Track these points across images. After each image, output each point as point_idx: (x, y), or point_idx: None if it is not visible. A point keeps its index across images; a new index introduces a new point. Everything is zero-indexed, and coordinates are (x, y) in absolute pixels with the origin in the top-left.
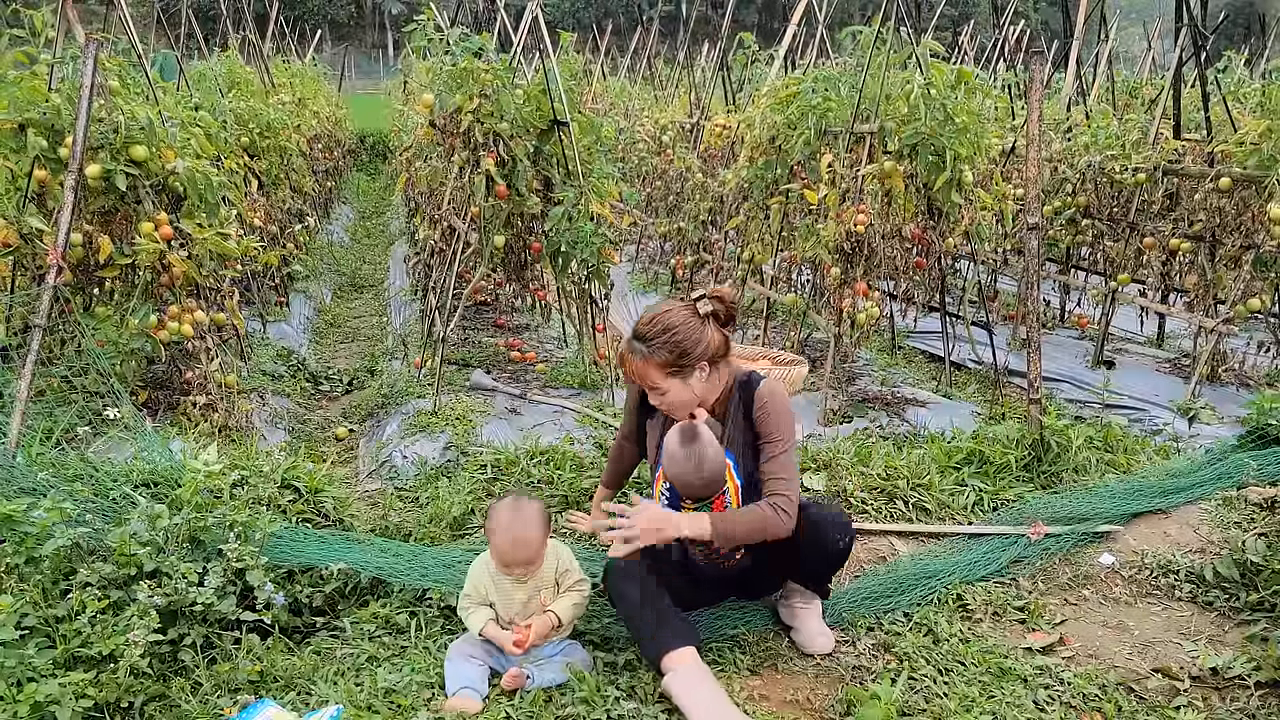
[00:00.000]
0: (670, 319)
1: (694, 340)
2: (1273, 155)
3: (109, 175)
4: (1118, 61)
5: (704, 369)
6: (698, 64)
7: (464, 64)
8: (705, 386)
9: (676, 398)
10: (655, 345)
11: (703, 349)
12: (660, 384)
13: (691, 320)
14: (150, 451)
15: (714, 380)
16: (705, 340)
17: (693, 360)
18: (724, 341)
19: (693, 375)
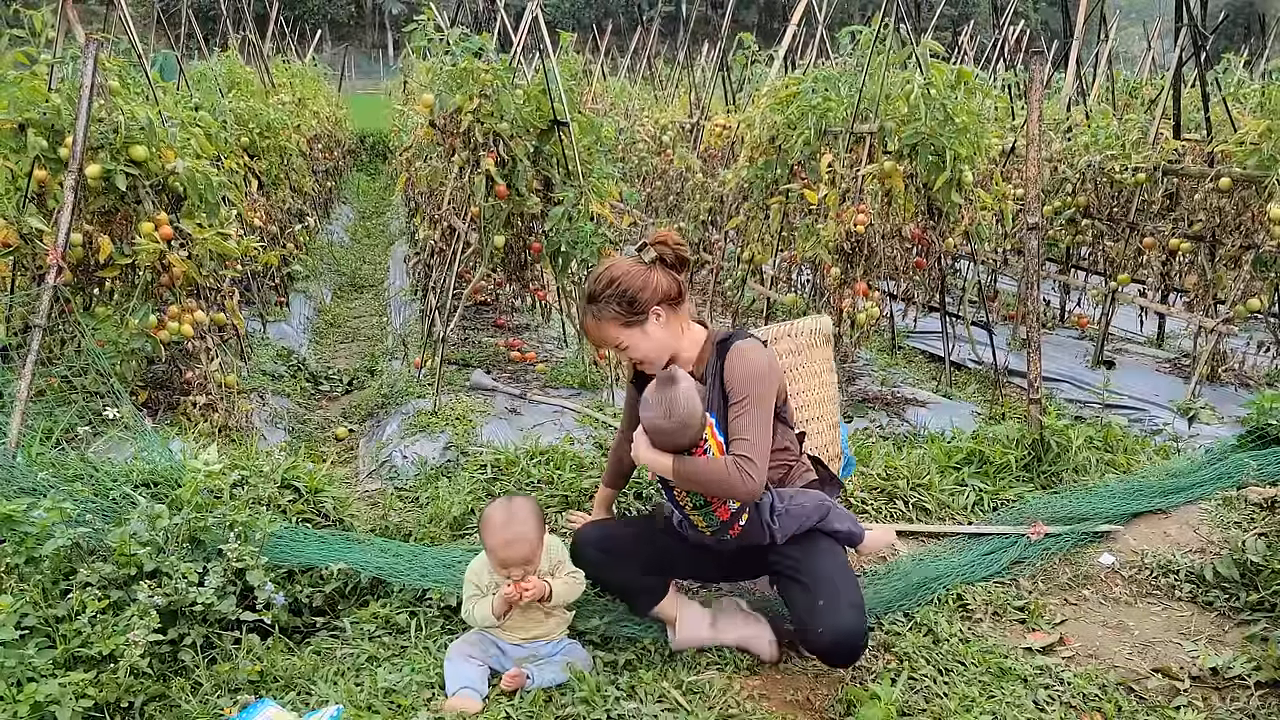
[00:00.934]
0: (614, 271)
1: (639, 285)
2: (1273, 155)
3: (109, 175)
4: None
5: (659, 315)
6: (698, 64)
7: (464, 64)
8: (667, 333)
9: (641, 349)
10: (604, 300)
11: (650, 293)
12: (619, 338)
13: (636, 268)
14: (150, 451)
15: (675, 326)
16: (652, 284)
17: (643, 306)
18: (674, 284)
19: (648, 323)
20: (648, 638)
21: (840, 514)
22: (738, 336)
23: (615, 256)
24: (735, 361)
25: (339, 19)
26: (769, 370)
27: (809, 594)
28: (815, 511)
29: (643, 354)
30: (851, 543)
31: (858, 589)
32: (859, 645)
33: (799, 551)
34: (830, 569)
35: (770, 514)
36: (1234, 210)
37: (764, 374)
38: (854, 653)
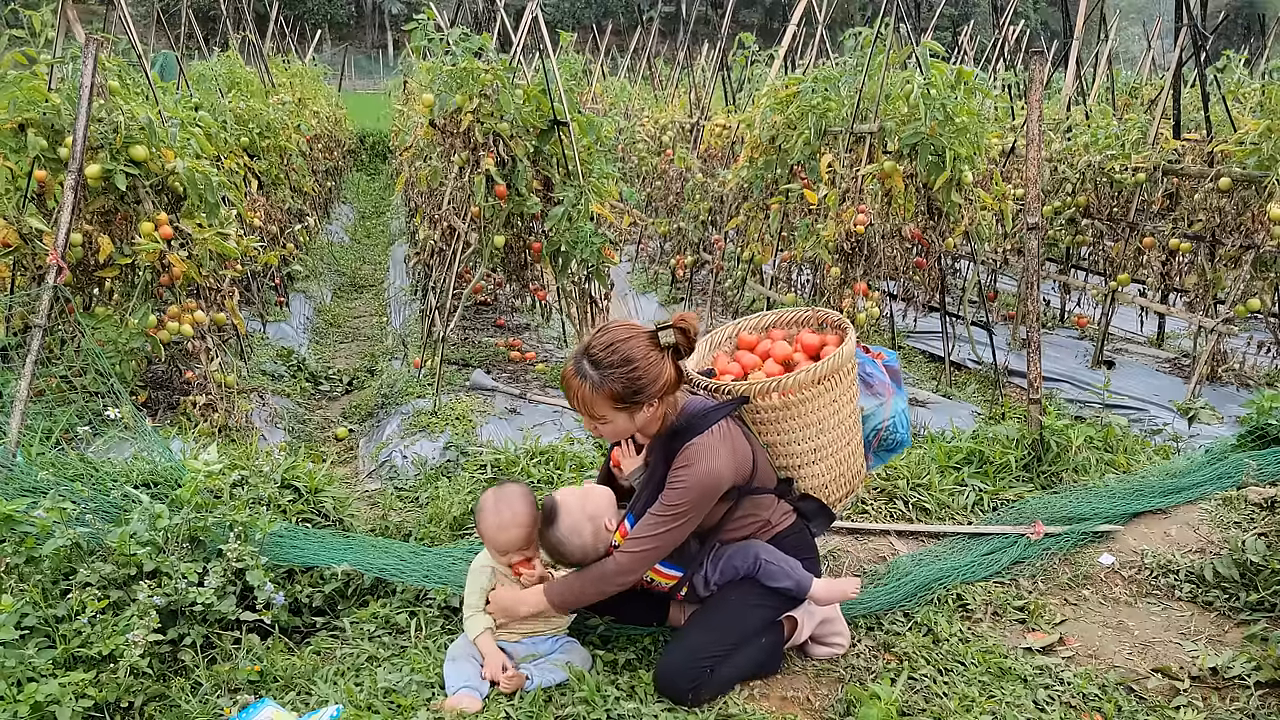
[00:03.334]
0: (631, 350)
1: (652, 377)
2: (1272, 155)
3: (109, 175)
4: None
5: (653, 405)
6: (698, 64)
7: (464, 64)
8: (648, 417)
9: (617, 429)
10: (610, 376)
11: (659, 386)
12: (605, 414)
13: (652, 354)
14: (150, 451)
15: (658, 414)
16: (663, 377)
17: (646, 397)
18: (677, 377)
19: (641, 412)
20: (648, 638)
21: (777, 572)
22: (699, 424)
23: (632, 327)
24: (688, 462)
25: (339, 19)
26: (721, 477)
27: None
28: (746, 570)
29: (614, 433)
30: (796, 598)
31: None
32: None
33: (720, 593)
34: (721, 623)
35: (706, 585)
36: (1234, 210)
37: (714, 483)
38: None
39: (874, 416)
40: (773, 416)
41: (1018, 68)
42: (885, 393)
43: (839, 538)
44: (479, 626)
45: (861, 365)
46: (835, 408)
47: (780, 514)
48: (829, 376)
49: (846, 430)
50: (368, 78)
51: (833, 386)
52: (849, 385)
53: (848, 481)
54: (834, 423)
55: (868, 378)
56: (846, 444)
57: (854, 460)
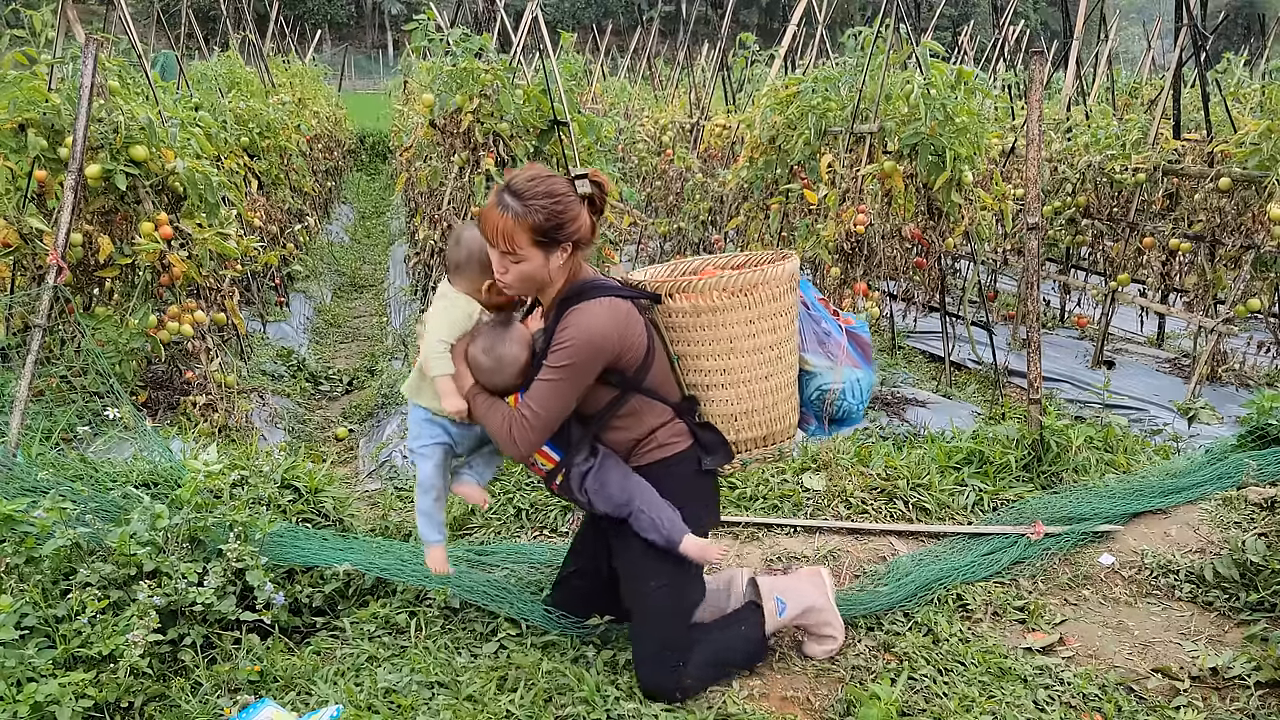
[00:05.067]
0: (553, 185)
1: (572, 215)
2: (1273, 155)
3: (109, 175)
4: (1117, 61)
5: (566, 251)
6: (698, 64)
7: (464, 64)
8: (558, 271)
9: (528, 271)
10: (533, 207)
11: (575, 228)
12: (523, 249)
13: (572, 194)
14: (150, 451)
15: (565, 270)
16: (580, 220)
17: (564, 236)
18: (590, 228)
19: (554, 253)
20: None
21: (647, 523)
22: (592, 293)
23: (552, 173)
24: (569, 323)
25: (339, 19)
26: (603, 341)
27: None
28: (618, 507)
29: (522, 277)
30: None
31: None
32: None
33: (618, 544)
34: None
35: (581, 484)
36: (1234, 210)
37: (593, 346)
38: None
39: (820, 377)
40: (683, 323)
41: (1018, 68)
42: (840, 355)
43: (839, 538)
44: (443, 367)
45: (816, 320)
46: (752, 330)
47: (673, 434)
48: (746, 291)
49: (767, 362)
50: (368, 78)
51: (751, 305)
52: (776, 314)
53: (764, 423)
54: (749, 346)
55: (823, 336)
56: (765, 378)
57: (775, 403)
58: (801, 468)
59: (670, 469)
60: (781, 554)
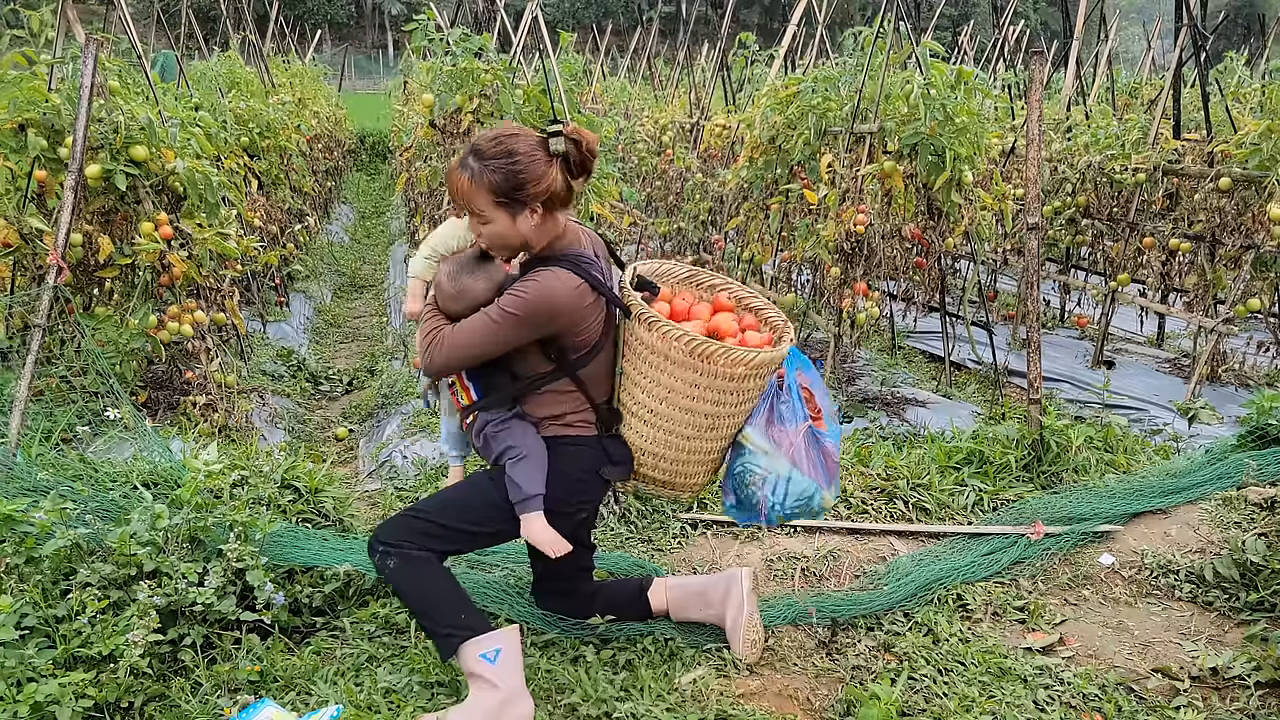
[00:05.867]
0: (515, 144)
1: (533, 175)
2: (1273, 155)
3: (109, 175)
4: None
5: (536, 212)
6: (698, 64)
7: (464, 64)
8: (532, 232)
9: (496, 232)
10: (490, 166)
11: (540, 188)
12: (484, 210)
13: (538, 154)
14: (150, 451)
15: (545, 229)
16: (546, 180)
17: (525, 197)
18: (566, 189)
19: (522, 214)
20: (648, 638)
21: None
22: (558, 262)
23: (520, 127)
24: (534, 278)
25: (339, 19)
26: (556, 307)
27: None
28: (497, 457)
29: (493, 238)
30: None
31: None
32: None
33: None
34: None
35: (480, 431)
36: (1234, 210)
37: (544, 307)
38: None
39: (749, 456)
40: (636, 348)
41: (1018, 68)
42: (784, 447)
43: (839, 538)
44: (418, 271)
45: (785, 403)
46: (694, 393)
47: (583, 420)
48: (707, 359)
49: (696, 426)
50: (368, 78)
51: (704, 373)
52: (728, 391)
53: (669, 472)
54: (685, 405)
55: (777, 419)
56: (688, 438)
57: (689, 461)
58: None
59: (565, 448)
60: (781, 554)
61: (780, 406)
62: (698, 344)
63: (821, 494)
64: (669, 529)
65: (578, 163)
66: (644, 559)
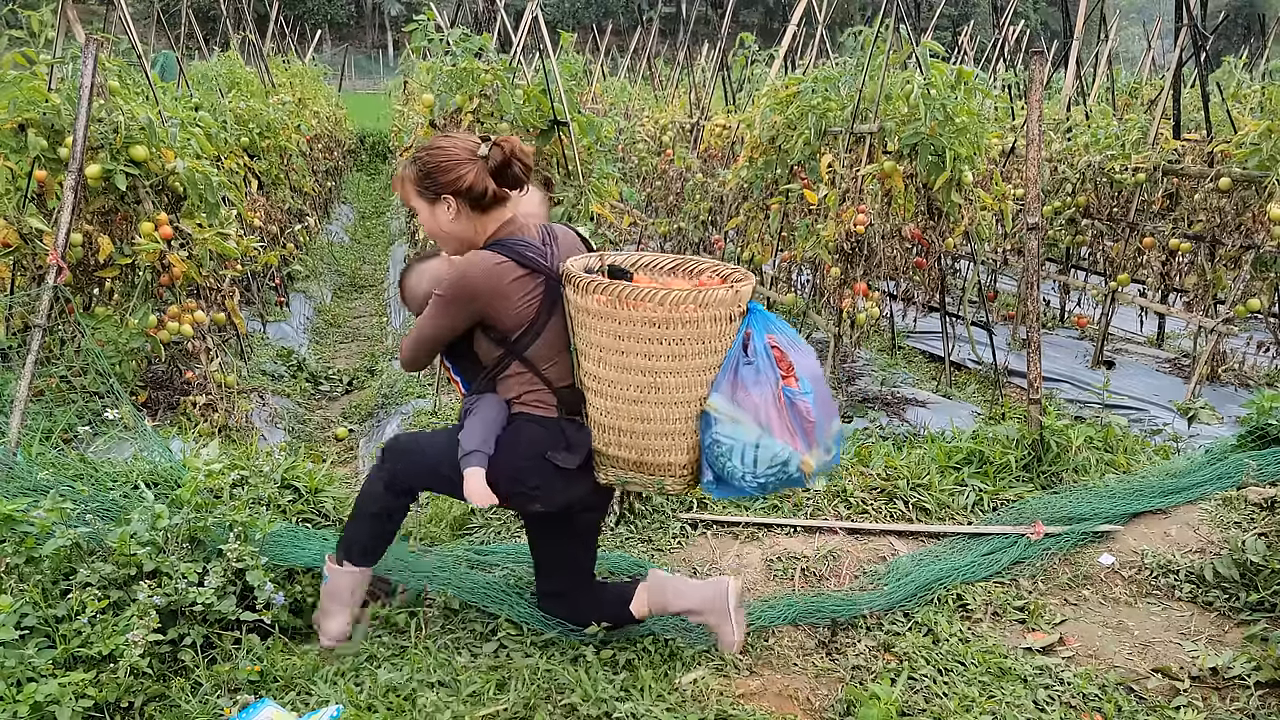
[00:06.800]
0: (441, 143)
1: (447, 168)
2: (1272, 155)
3: (109, 175)
4: (1117, 61)
5: (450, 205)
6: (698, 64)
7: (464, 64)
8: (455, 227)
9: (424, 224)
10: (415, 160)
11: (451, 180)
12: (412, 200)
13: (461, 154)
14: (150, 451)
15: (471, 226)
16: (459, 174)
17: (437, 187)
18: (486, 190)
19: (438, 206)
20: (648, 638)
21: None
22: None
23: (458, 137)
24: (454, 264)
25: (339, 19)
26: (470, 285)
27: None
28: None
29: (427, 229)
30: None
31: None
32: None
33: None
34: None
35: (463, 416)
36: (1234, 210)
37: (460, 287)
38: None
39: (718, 425)
40: (574, 315)
41: (1018, 68)
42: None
43: (839, 538)
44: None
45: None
46: (619, 346)
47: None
48: (617, 302)
49: (636, 387)
50: (368, 78)
51: (622, 320)
52: (650, 339)
53: (634, 449)
54: (616, 362)
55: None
56: (633, 401)
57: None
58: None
59: (521, 425)
60: (781, 554)
61: (744, 369)
62: (612, 289)
63: (799, 458)
64: (669, 529)
65: (497, 167)
66: (644, 559)
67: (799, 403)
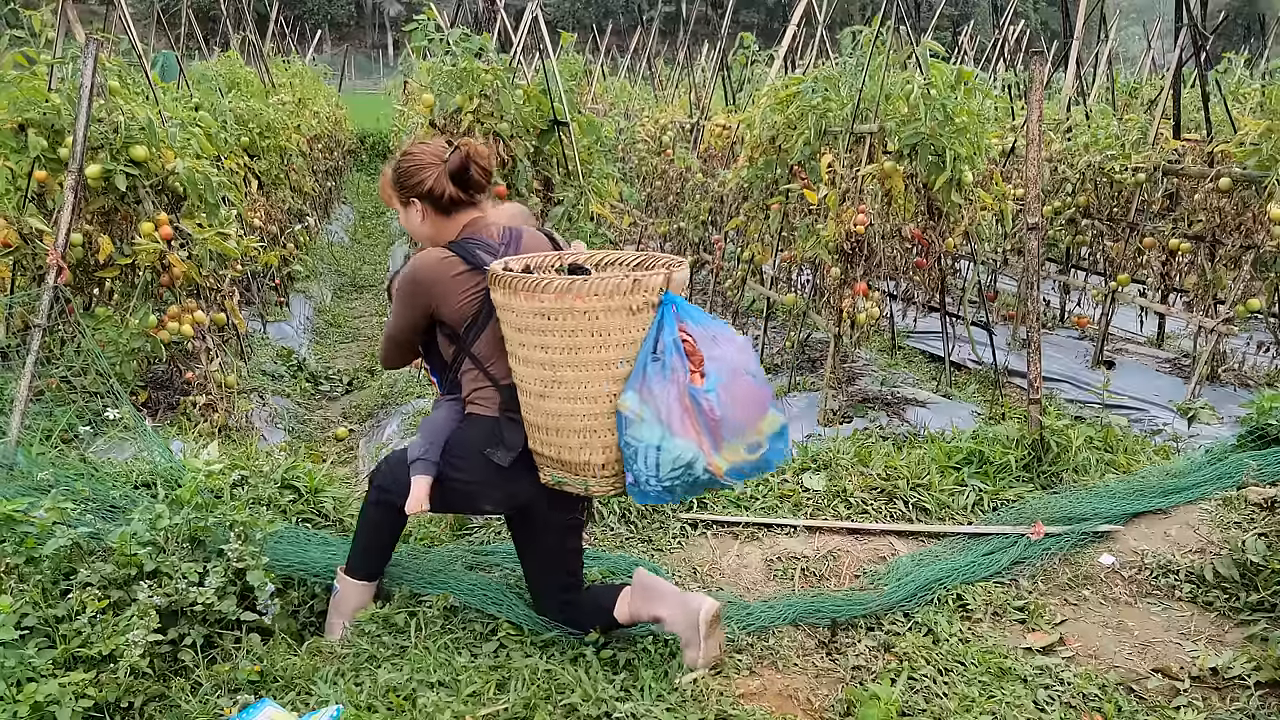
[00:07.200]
0: (412, 149)
1: (413, 172)
2: (1272, 155)
3: (109, 175)
4: (1117, 61)
5: (417, 207)
6: (698, 64)
7: (464, 64)
8: (426, 229)
9: (404, 224)
10: (392, 164)
11: (416, 184)
12: (391, 199)
13: (429, 159)
14: (150, 451)
15: (440, 228)
16: (421, 178)
17: (406, 190)
18: (446, 193)
19: (410, 209)
20: (648, 637)
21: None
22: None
23: (431, 143)
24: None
25: (339, 19)
26: (417, 279)
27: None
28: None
29: (406, 226)
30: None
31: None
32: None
33: None
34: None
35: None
36: (1234, 210)
37: (408, 280)
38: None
39: (631, 427)
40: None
41: (1018, 68)
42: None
43: (839, 538)
44: None
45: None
46: (519, 338)
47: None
48: (503, 289)
49: (541, 381)
50: (368, 78)
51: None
52: (543, 330)
53: (553, 446)
54: (521, 355)
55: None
56: (540, 396)
57: (560, 429)
58: (801, 467)
59: (467, 423)
60: (781, 554)
61: (651, 366)
62: (503, 279)
63: (704, 459)
64: (669, 529)
65: (456, 171)
66: (643, 559)
67: (703, 400)
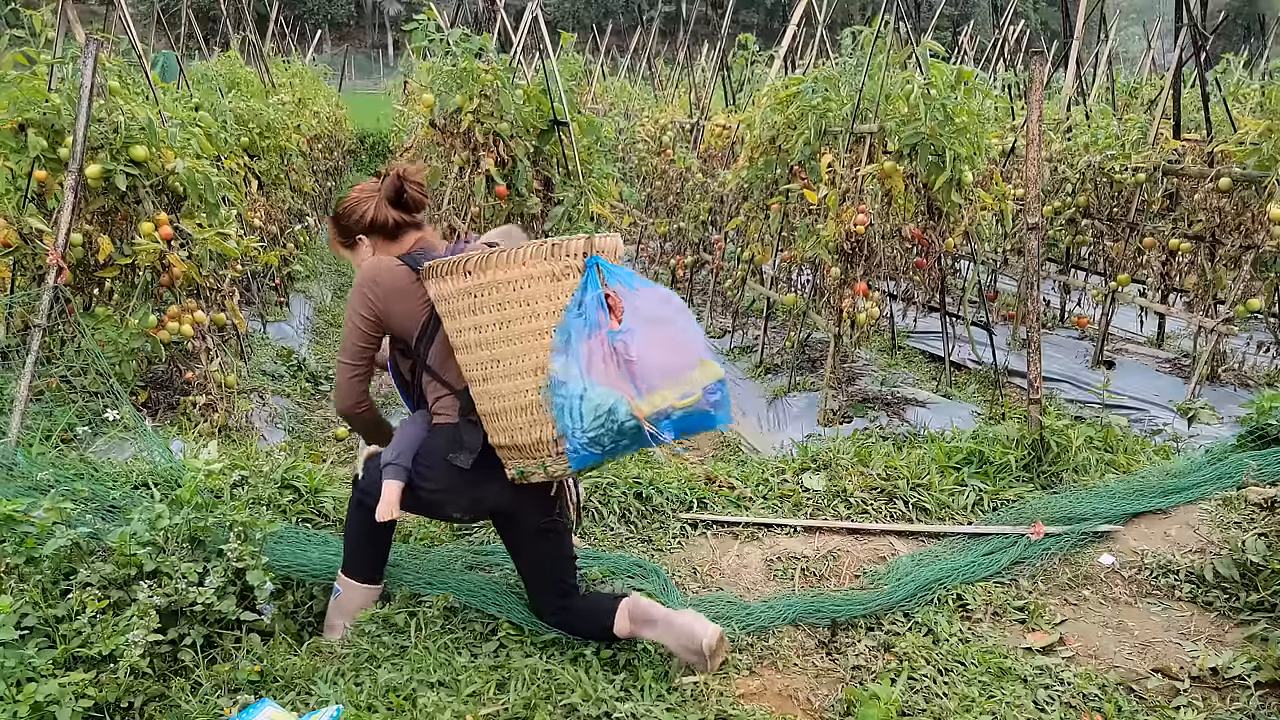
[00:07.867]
0: (349, 195)
1: (349, 211)
2: (1272, 155)
3: (109, 175)
4: (1117, 61)
5: (368, 245)
6: (698, 64)
7: (464, 64)
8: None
9: (357, 265)
10: (332, 218)
11: (358, 219)
12: (341, 253)
13: (361, 194)
14: (150, 451)
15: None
16: (362, 213)
17: (350, 230)
18: (389, 219)
19: (359, 248)
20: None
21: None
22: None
23: (361, 185)
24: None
25: (339, 19)
26: (363, 291)
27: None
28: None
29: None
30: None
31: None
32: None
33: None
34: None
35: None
36: (1234, 210)
37: (357, 293)
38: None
39: (559, 387)
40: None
41: (1018, 68)
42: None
43: (839, 538)
44: None
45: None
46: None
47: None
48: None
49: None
50: (368, 78)
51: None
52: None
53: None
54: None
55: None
56: (483, 380)
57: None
58: (801, 467)
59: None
60: (781, 554)
61: (574, 322)
62: (427, 268)
63: (626, 405)
64: (669, 529)
65: (392, 196)
66: (644, 559)
67: (617, 342)
